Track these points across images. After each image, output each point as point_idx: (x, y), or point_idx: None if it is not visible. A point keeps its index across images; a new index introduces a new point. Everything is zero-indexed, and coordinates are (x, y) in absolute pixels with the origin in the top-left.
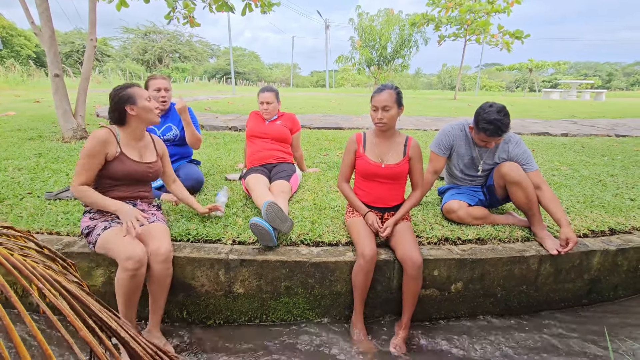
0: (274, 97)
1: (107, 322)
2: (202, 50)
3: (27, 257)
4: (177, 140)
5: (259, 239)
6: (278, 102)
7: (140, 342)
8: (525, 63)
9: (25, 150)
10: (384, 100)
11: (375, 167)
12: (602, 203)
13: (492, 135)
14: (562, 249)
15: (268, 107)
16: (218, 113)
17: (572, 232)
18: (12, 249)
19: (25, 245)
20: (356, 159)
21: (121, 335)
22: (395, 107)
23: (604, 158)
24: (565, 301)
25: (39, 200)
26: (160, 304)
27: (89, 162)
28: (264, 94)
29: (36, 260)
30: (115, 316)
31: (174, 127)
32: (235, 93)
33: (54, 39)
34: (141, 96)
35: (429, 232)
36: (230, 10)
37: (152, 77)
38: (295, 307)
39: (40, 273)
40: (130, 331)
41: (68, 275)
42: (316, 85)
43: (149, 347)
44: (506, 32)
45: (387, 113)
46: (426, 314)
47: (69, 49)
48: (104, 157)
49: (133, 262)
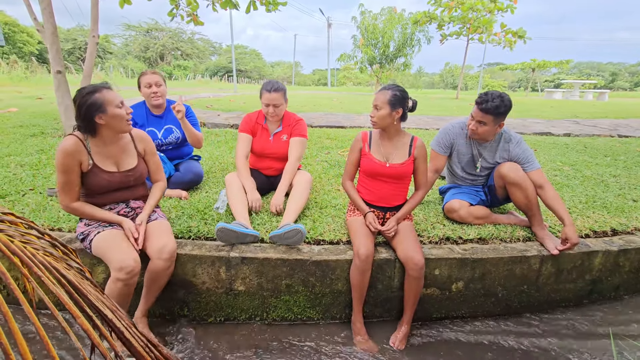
0: (282, 98)
1: (103, 311)
2: (204, 48)
3: (28, 243)
4: (178, 142)
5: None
6: (285, 102)
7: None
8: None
9: (27, 147)
10: (376, 99)
11: (380, 166)
12: (604, 204)
13: (480, 104)
14: (560, 247)
15: (275, 111)
16: (220, 111)
17: (574, 232)
18: (12, 236)
19: (27, 232)
20: (361, 157)
21: (116, 324)
22: (387, 108)
23: (607, 158)
24: (567, 301)
25: (40, 196)
26: (151, 297)
27: (66, 179)
28: (270, 94)
29: (37, 247)
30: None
31: (175, 129)
32: (236, 91)
33: (56, 36)
34: (111, 102)
35: (430, 232)
36: (235, 7)
37: (143, 73)
38: (296, 305)
39: (40, 261)
40: (124, 321)
41: (69, 261)
42: (318, 83)
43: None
44: (509, 31)
45: (378, 112)
46: (427, 313)
47: (71, 46)
48: (79, 167)
49: (124, 273)
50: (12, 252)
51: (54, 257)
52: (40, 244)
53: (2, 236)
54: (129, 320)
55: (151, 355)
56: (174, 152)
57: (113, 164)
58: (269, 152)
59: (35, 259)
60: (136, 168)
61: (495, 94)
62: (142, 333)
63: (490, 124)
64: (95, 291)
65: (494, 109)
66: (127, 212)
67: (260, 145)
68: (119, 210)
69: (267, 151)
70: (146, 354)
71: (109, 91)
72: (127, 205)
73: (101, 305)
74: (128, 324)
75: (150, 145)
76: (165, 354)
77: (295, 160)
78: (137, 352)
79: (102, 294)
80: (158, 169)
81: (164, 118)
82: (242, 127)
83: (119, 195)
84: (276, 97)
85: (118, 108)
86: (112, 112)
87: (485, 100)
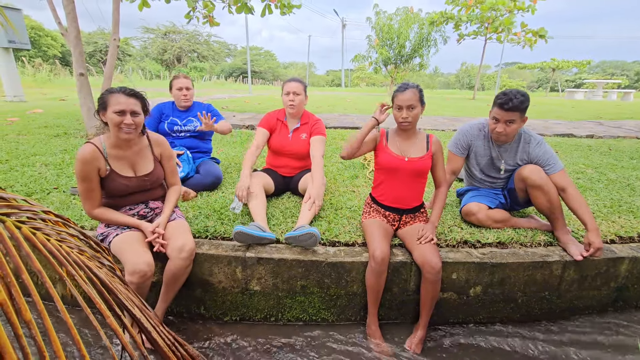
0: (302, 88)
1: (132, 310)
2: (220, 49)
3: (63, 242)
4: (196, 131)
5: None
6: (305, 97)
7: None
8: (547, 62)
9: (51, 147)
10: (408, 99)
11: (399, 160)
12: (630, 208)
13: (503, 104)
14: (584, 252)
15: (295, 99)
16: (235, 112)
17: (598, 237)
18: (49, 235)
19: (63, 230)
20: (378, 152)
21: (143, 324)
22: (419, 105)
23: (633, 161)
24: (590, 309)
25: (64, 194)
26: (170, 295)
27: (87, 186)
28: (291, 83)
29: (71, 245)
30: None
31: (195, 120)
32: (251, 92)
33: (79, 39)
34: (111, 105)
35: (448, 235)
36: (250, 12)
37: (176, 76)
38: (311, 307)
39: (74, 259)
40: (152, 320)
41: (101, 259)
42: (332, 84)
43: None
44: (529, 31)
45: (412, 112)
46: (443, 318)
47: (92, 49)
48: (98, 174)
49: (137, 277)
50: (49, 251)
51: (86, 255)
52: (75, 242)
53: (40, 235)
54: (157, 319)
55: (177, 354)
56: (193, 141)
57: (130, 169)
58: (287, 149)
59: (69, 258)
60: (153, 172)
61: (514, 91)
62: (169, 332)
63: (518, 120)
64: (125, 289)
65: (519, 104)
66: (146, 212)
67: (278, 142)
68: (139, 210)
69: (286, 148)
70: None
71: (118, 95)
72: (146, 205)
73: (130, 304)
74: (156, 323)
75: (166, 149)
76: (191, 353)
77: (320, 156)
78: (162, 352)
79: (131, 292)
80: (173, 173)
81: (187, 112)
82: (261, 122)
83: (138, 197)
84: (296, 86)
85: (113, 113)
86: (108, 114)
87: (509, 99)
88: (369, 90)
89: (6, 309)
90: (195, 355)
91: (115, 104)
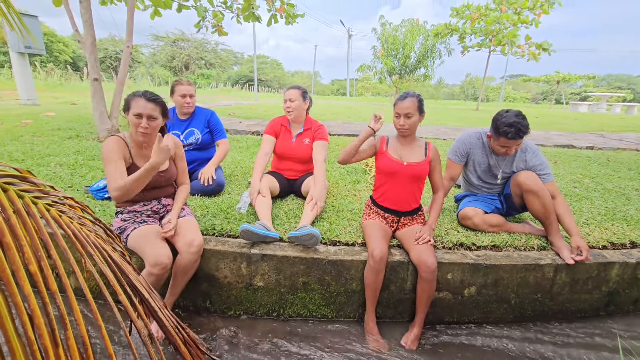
0: (299, 95)
1: (141, 290)
2: (227, 57)
3: (83, 226)
4: (198, 144)
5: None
6: (304, 102)
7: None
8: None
9: (65, 148)
10: (406, 108)
11: (398, 164)
12: (624, 216)
13: (513, 137)
14: (577, 257)
15: (291, 105)
16: (241, 118)
17: (583, 241)
18: (72, 218)
19: (82, 215)
20: (378, 157)
21: (151, 304)
22: (417, 114)
23: (630, 172)
24: (582, 312)
25: (78, 193)
26: (178, 289)
27: (115, 164)
28: (288, 91)
29: (90, 229)
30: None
31: (196, 131)
32: (257, 99)
33: (94, 46)
34: (132, 107)
35: (444, 237)
36: (257, 21)
37: (179, 82)
38: (312, 303)
39: (92, 242)
40: (158, 302)
41: (114, 244)
42: (337, 93)
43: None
44: (533, 44)
45: (409, 119)
46: (439, 317)
47: (103, 55)
48: (124, 159)
49: (159, 269)
50: (72, 233)
51: (102, 239)
52: (92, 226)
53: (65, 217)
54: (162, 301)
55: (180, 335)
56: (195, 154)
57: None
58: (291, 154)
59: (89, 239)
60: (168, 170)
61: (515, 120)
62: (172, 315)
63: (522, 140)
64: (135, 272)
65: (525, 129)
66: (158, 208)
67: (282, 147)
68: (152, 206)
69: (289, 153)
70: (175, 334)
71: (139, 99)
72: (159, 202)
73: (140, 286)
74: (161, 305)
75: (180, 150)
76: (192, 336)
77: (322, 160)
78: (168, 331)
79: (140, 276)
80: (184, 173)
81: (188, 121)
82: (267, 129)
83: (153, 193)
84: (292, 93)
85: (133, 115)
86: (129, 115)
87: (517, 130)
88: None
89: (36, 279)
90: (195, 339)
91: (136, 107)
